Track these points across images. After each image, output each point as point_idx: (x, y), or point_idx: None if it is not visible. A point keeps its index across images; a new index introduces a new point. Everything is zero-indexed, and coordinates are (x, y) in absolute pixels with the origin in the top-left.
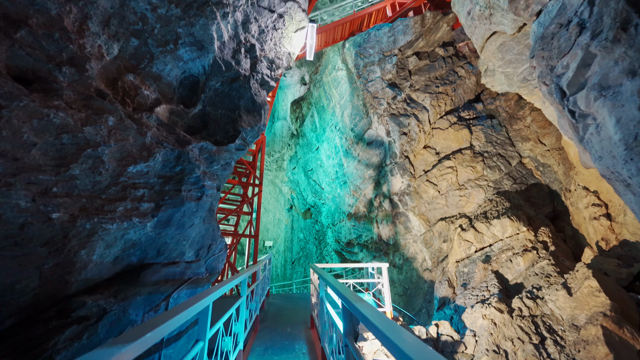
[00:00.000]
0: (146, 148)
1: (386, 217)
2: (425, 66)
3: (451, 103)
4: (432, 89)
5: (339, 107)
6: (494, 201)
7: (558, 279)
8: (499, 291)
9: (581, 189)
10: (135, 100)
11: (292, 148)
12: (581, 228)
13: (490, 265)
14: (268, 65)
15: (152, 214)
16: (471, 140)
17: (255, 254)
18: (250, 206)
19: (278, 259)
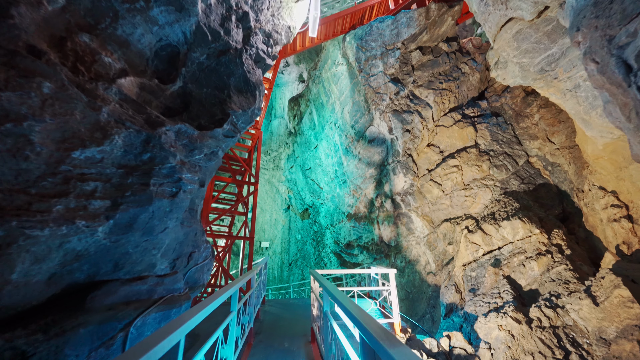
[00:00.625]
0: (100, 128)
1: (388, 218)
2: (428, 62)
3: (455, 100)
4: (435, 85)
5: (338, 104)
6: (502, 202)
7: (578, 285)
8: (513, 298)
9: (597, 189)
10: (93, 68)
11: (290, 146)
12: (597, 230)
13: (501, 269)
14: (264, 39)
15: (107, 214)
16: (476, 139)
17: (250, 257)
18: (245, 206)
19: (275, 260)
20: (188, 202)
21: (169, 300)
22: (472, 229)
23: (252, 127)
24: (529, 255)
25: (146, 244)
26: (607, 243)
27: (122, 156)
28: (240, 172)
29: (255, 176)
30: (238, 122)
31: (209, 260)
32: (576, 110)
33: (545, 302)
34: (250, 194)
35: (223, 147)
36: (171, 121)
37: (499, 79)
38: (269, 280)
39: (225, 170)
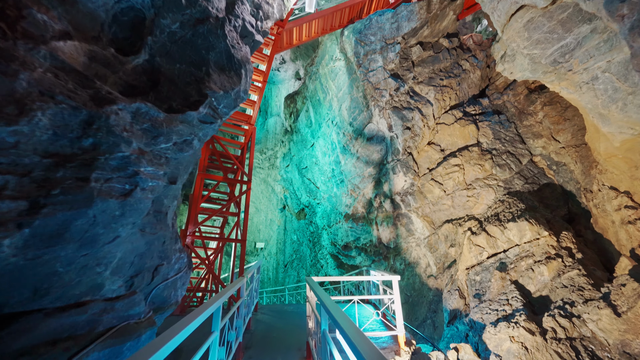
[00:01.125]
0: (15, 100)
1: (387, 219)
2: (429, 57)
3: (456, 97)
4: (436, 81)
5: (336, 101)
6: (506, 202)
7: (594, 292)
8: (522, 306)
9: (608, 190)
10: (19, 26)
11: (286, 145)
12: (607, 233)
13: (508, 274)
14: (252, 10)
15: (20, 221)
16: (478, 137)
17: (241, 261)
18: (237, 206)
19: (270, 261)
20: (149, 202)
21: (121, 331)
22: (476, 230)
23: (246, 122)
24: (538, 259)
25: (86, 260)
26: (620, 246)
27: (51, 141)
28: (233, 170)
29: (248, 175)
30: (219, 106)
31: (184, 273)
32: (593, 104)
33: (559, 310)
34: (243, 193)
35: (200, 136)
36: (127, 99)
37: (505, 73)
38: (264, 282)
39: (217, 168)
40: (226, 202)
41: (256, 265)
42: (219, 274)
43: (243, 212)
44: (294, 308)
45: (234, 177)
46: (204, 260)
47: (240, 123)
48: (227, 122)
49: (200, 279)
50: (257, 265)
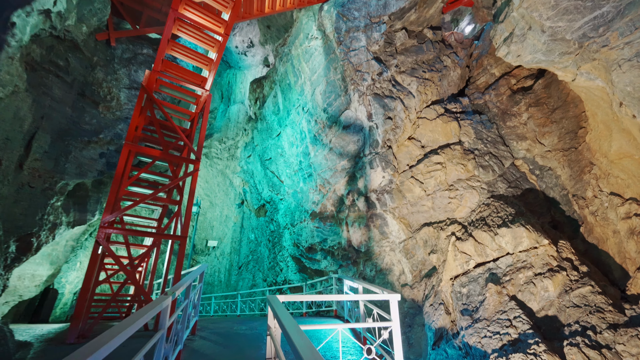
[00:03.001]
0: None
1: (359, 219)
2: (412, 47)
3: (437, 93)
4: (419, 73)
5: (309, 84)
6: (492, 206)
7: (616, 315)
8: (531, 329)
9: (607, 196)
10: None
11: (249, 133)
12: (606, 243)
13: (504, 287)
14: None
15: None
16: (460, 136)
17: (178, 265)
18: (180, 193)
19: (222, 262)
20: None
21: None
22: (461, 236)
23: (199, 86)
24: (539, 272)
25: None
26: (624, 259)
27: None
28: (177, 146)
29: (197, 153)
30: None
31: None
32: (636, 85)
33: (583, 338)
34: (189, 174)
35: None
36: None
37: (509, 58)
38: (213, 285)
39: (155, 141)
40: (166, 186)
41: (198, 272)
42: (151, 279)
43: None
44: (247, 328)
45: (180, 154)
46: (118, 260)
47: (191, 86)
48: (175, 84)
49: (122, 284)
50: (199, 271)
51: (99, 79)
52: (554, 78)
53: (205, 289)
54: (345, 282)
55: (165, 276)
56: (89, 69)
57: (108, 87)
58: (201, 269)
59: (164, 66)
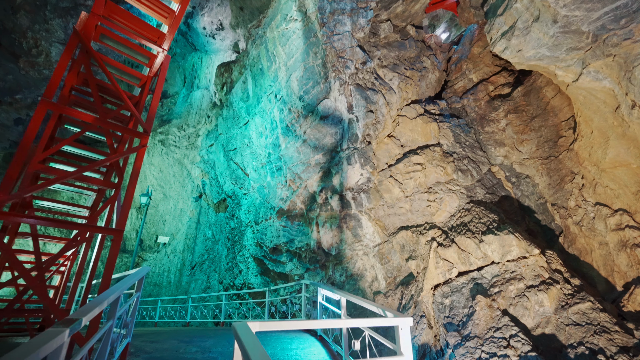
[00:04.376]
0: None
1: (331, 219)
2: (395, 42)
3: (416, 93)
4: (400, 69)
5: (284, 70)
6: (473, 211)
7: (625, 337)
8: (532, 350)
9: (593, 206)
10: None
11: (212, 121)
12: (589, 255)
13: (494, 301)
14: None
15: None
16: (439, 138)
17: (108, 268)
18: (120, 173)
19: (173, 261)
20: None
21: None
22: (443, 242)
23: (153, 41)
24: (531, 284)
25: None
26: (612, 272)
27: None
28: (120, 116)
29: (146, 125)
30: None
31: None
32: None
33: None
34: (133, 150)
35: None
36: None
37: (506, 54)
38: (162, 286)
39: (90, 107)
40: (100, 163)
41: (133, 278)
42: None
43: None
44: (199, 351)
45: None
46: (14, 259)
47: (145, 42)
48: (123, 36)
49: (22, 290)
50: (136, 276)
51: (21, 26)
52: (534, 86)
53: (151, 291)
54: (320, 291)
55: (88, 282)
56: (9, 12)
57: (34, 38)
58: (139, 273)
59: (108, 10)
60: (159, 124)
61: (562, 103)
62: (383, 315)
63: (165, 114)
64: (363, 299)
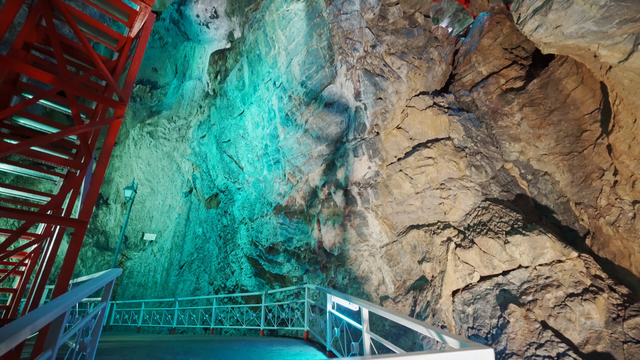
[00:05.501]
0: None
1: (334, 217)
2: (403, 29)
3: (424, 85)
4: (409, 58)
5: (284, 55)
6: (492, 210)
7: None
8: None
9: (629, 205)
10: None
11: (205, 111)
12: (628, 259)
13: (530, 311)
14: None
15: None
16: (449, 131)
17: (65, 270)
18: (88, 152)
19: (160, 260)
20: None
21: None
22: (462, 242)
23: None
24: (572, 292)
25: None
26: None
27: None
28: (89, 83)
29: (122, 92)
30: None
31: None
32: None
33: None
34: (106, 122)
35: None
36: None
37: (539, 32)
38: (147, 287)
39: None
40: (58, 134)
41: (98, 282)
42: (34, 284)
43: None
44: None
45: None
46: None
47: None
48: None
49: None
50: (102, 280)
51: None
52: (551, 78)
53: (135, 292)
54: (330, 297)
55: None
56: None
57: None
58: (106, 277)
59: None
60: (148, 115)
61: (584, 95)
62: (439, 339)
63: (154, 105)
64: (401, 315)
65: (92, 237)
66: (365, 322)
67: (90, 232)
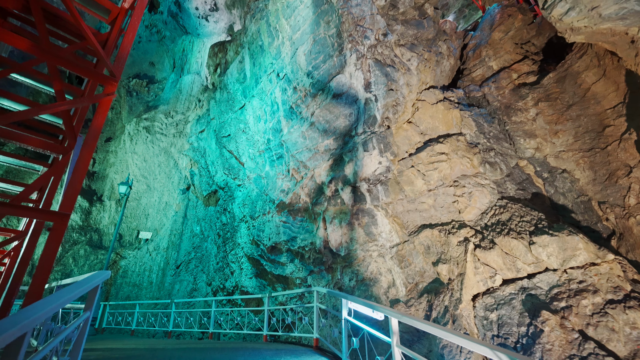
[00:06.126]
0: None
1: (341, 215)
2: (413, 20)
3: (433, 79)
4: (419, 50)
5: (288, 45)
6: (510, 208)
7: None
8: None
9: None
10: None
11: (204, 105)
12: None
13: (566, 319)
14: None
15: None
16: (461, 127)
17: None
18: (71, 134)
19: (156, 259)
20: None
21: None
22: (481, 243)
23: None
24: (611, 298)
25: None
26: None
27: None
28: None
29: (114, 67)
30: None
31: None
32: None
33: None
34: (94, 99)
35: None
36: None
37: (571, 15)
38: (142, 287)
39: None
40: (38, 114)
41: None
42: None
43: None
44: None
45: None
46: None
47: None
48: None
49: None
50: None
51: None
52: (569, 72)
53: (129, 292)
54: (347, 303)
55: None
56: None
57: None
58: (89, 282)
59: None
60: (144, 110)
61: (606, 89)
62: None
63: (151, 99)
64: (454, 332)
65: (85, 235)
66: (395, 334)
67: (83, 230)
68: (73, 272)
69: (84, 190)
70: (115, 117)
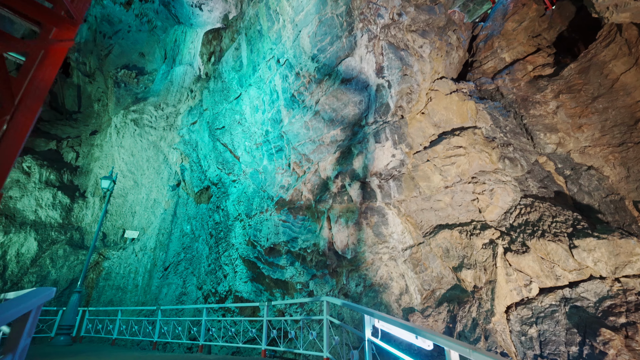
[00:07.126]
0: None
1: (348, 213)
2: (425, 5)
3: (443, 70)
4: (431, 37)
5: (290, 28)
6: (538, 207)
7: None
8: None
9: None
10: None
11: (196, 95)
12: None
13: (632, 339)
14: None
15: None
16: (476, 120)
17: None
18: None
19: (142, 260)
20: None
21: None
22: (511, 246)
23: None
24: None
25: None
26: None
27: None
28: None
29: (72, 8)
30: None
31: None
32: None
33: None
34: (40, 44)
35: None
36: None
37: None
38: (127, 290)
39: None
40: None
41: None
42: None
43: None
44: None
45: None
46: None
47: None
48: None
49: None
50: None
51: None
52: (593, 62)
53: (112, 296)
54: (371, 321)
55: None
56: None
57: None
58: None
59: None
60: (133, 102)
61: (638, 79)
62: None
63: (141, 91)
64: None
65: (65, 234)
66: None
67: (63, 228)
68: (50, 274)
69: (65, 186)
70: (101, 109)
